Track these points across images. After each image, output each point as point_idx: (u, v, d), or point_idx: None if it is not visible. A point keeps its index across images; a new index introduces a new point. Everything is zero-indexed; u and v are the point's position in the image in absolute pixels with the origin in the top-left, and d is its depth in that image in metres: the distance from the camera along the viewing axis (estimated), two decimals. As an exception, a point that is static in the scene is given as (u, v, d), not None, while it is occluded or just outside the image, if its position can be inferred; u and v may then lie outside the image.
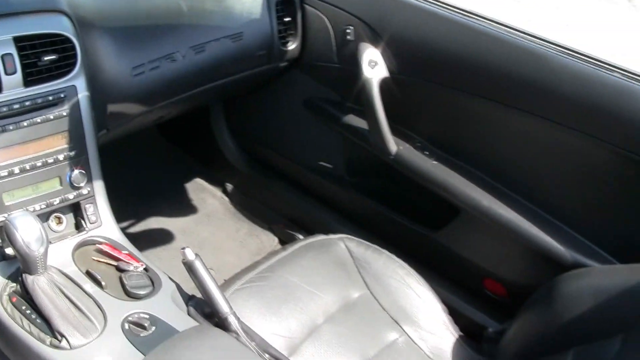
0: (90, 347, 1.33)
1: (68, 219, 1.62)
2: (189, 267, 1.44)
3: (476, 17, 1.90)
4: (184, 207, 2.68)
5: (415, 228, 2.15)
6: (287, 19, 2.12)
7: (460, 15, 1.91)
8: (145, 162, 2.81)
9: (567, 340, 1.47)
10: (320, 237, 1.90)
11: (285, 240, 2.47)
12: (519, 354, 1.60)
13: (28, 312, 1.38)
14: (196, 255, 1.44)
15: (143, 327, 1.38)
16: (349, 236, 1.89)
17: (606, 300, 1.47)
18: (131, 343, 1.34)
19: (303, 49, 2.18)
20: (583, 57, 1.72)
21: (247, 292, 1.64)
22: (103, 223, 1.63)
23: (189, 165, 2.83)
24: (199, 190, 2.77)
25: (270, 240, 2.59)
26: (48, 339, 1.34)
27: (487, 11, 1.92)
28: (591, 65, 1.70)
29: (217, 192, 2.75)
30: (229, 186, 2.72)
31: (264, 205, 2.64)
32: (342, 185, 2.33)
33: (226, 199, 2.73)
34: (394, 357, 1.68)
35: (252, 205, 2.68)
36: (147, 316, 1.41)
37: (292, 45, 2.15)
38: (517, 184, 1.91)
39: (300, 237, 2.35)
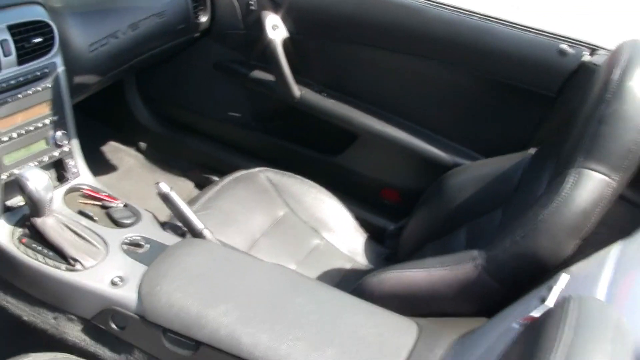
0: (100, 266, 1.69)
1: (51, 174, 1.95)
2: (165, 197, 1.82)
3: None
4: (104, 166, 2.96)
5: (319, 156, 2.57)
6: (198, -3, 2.49)
7: None
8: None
9: (458, 221, 1.94)
10: (243, 172, 2.28)
11: (202, 184, 2.78)
12: (420, 240, 2.05)
13: (39, 248, 1.71)
14: (170, 188, 1.82)
15: (139, 246, 1.75)
16: (266, 168, 2.29)
17: (485, 185, 1.94)
18: (133, 259, 1.72)
19: (213, 20, 2.55)
20: (448, 6, 2.21)
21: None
22: (81, 174, 1.98)
23: (105, 132, 3.11)
24: (115, 151, 3.04)
25: (187, 185, 2.90)
26: (63, 265, 1.67)
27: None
28: (455, 12, 2.19)
29: (132, 151, 3.05)
30: (143, 144, 3.03)
31: (178, 158, 2.97)
32: (251, 130, 2.71)
33: (141, 156, 3.05)
34: (319, 259, 2.12)
35: (167, 159, 2.98)
36: (139, 237, 1.78)
37: (203, 18, 2.51)
38: (401, 108, 2.38)
39: (216, 178, 2.64)
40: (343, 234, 2.25)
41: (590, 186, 1.52)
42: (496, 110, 2.25)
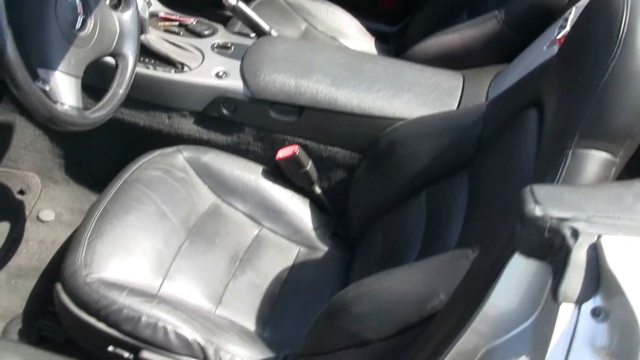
0: (203, 66, 2.06)
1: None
2: (233, 9, 2.16)
3: None
4: None
5: None
6: None
7: None
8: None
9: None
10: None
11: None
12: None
13: (147, 59, 2.05)
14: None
15: (227, 47, 2.12)
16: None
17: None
18: (226, 57, 2.08)
19: None
20: None
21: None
22: (152, 2, 2.29)
23: None
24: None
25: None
26: (171, 69, 2.03)
27: None
28: None
29: None
30: None
31: None
32: None
33: None
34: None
35: None
36: (224, 41, 2.15)
37: None
38: None
39: None
40: (356, 39, 2.64)
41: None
42: None
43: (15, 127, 2.23)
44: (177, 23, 2.23)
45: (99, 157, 2.24)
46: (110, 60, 1.81)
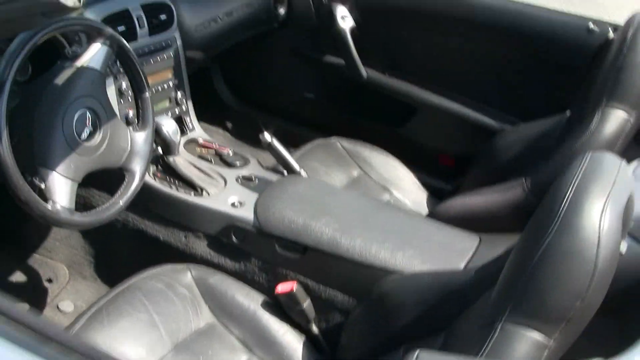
0: (222, 193, 2.12)
1: (173, 127, 2.37)
2: (269, 145, 2.22)
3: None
4: None
5: (384, 128, 2.95)
6: (278, -8, 2.90)
7: None
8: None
9: (516, 173, 2.13)
10: (321, 140, 2.59)
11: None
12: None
13: (171, 180, 2.14)
14: (272, 137, 2.23)
15: (251, 180, 2.18)
16: (340, 137, 2.59)
17: (529, 142, 2.27)
18: (247, 188, 2.14)
19: (290, 12, 2.96)
20: None
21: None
22: (196, 129, 2.41)
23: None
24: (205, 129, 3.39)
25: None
26: (192, 192, 2.10)
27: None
28: None
29: (219, 130, 3.32)
30: (229, 124, 3.41)
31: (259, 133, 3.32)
32: (323, 107, 3.08)
33: (227, 133, 3.32)
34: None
35: (249, 134, 3.10)
36: (250, 174, 2.20)
37: (282, 11, 2.93)
38: (453, 83, 2.76)
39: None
40: (408, 192, 2.63)
41: (614, 121, 1.98)
42: (534, 81, 2.63)
43: None
44: (213, 151, 2.29)
45: (123, 261, 2.32)
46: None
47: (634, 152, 1.90)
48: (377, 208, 2.11)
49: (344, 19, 2.80)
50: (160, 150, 2.16)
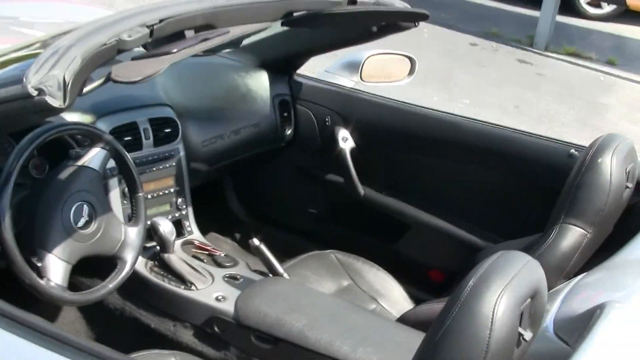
0: (208, 288, 2.31)
1: (172, 229, 2.59)
2: (256, 249, 2.41)
3: (410, 104, 3.00)
4: None
5: (379, 243, 3.10)
6: (285, 114, 3.13)
7: (400, 103, 3.00)
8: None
9: None
10: (317, 252, 2.78)
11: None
12: None
13: (164, 275, 2.35)
14: (260, 242, 2.42)
15: (236, 279, 2.37)
16: (336, 250, 2.79)
17: None
18: (231, 286, 2.33)
19: (296, 133, 3.21)
20: (479, 120, 2.84)
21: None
22: (194, 232, 2.63)
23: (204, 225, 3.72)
24: (214, 240, 3.42)
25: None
26: (182, 286, 2.30)
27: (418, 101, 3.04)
28: (485, 125, 2.81)
29: (228, 239, 3.50)
30: (237, 234, 3.61)
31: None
32: (325, 221, 3.27)
33: (235, 244, 3.48)
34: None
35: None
36: (236, 274, 2.40)
37: (288, 131, 3.16)
38: (444, 203, 2.94)
39: None
40: (395, 303, 2.77)
41: (570, 237, 2.16)
42: (516, 202, 2.80)
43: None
44: (206, 252, 2.50)
45: (117, 344, 2.43)
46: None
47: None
48: (348, 308, 2.29)
49: (345, 141, 3.03)
50: (158, 247, 2.37)
